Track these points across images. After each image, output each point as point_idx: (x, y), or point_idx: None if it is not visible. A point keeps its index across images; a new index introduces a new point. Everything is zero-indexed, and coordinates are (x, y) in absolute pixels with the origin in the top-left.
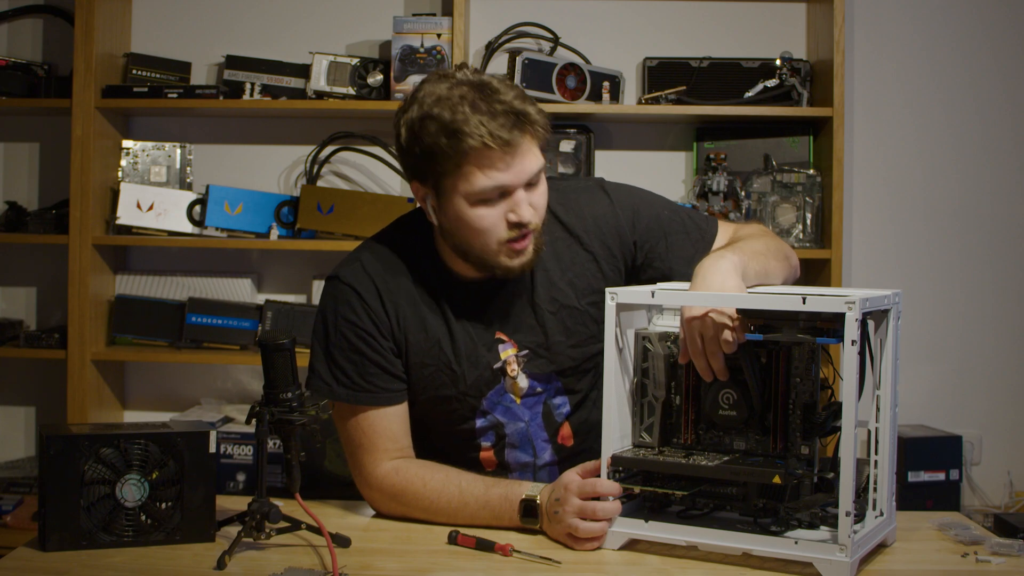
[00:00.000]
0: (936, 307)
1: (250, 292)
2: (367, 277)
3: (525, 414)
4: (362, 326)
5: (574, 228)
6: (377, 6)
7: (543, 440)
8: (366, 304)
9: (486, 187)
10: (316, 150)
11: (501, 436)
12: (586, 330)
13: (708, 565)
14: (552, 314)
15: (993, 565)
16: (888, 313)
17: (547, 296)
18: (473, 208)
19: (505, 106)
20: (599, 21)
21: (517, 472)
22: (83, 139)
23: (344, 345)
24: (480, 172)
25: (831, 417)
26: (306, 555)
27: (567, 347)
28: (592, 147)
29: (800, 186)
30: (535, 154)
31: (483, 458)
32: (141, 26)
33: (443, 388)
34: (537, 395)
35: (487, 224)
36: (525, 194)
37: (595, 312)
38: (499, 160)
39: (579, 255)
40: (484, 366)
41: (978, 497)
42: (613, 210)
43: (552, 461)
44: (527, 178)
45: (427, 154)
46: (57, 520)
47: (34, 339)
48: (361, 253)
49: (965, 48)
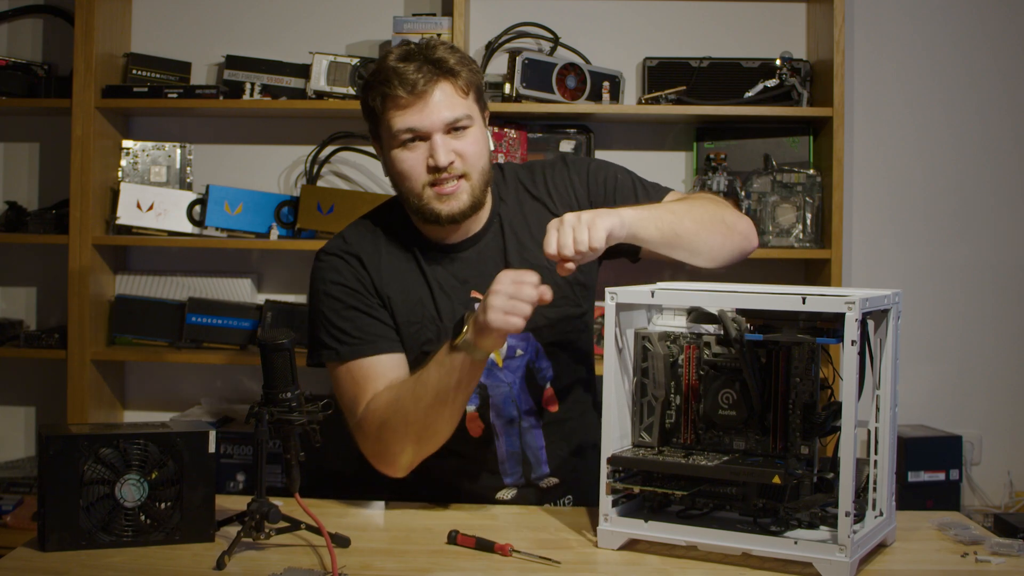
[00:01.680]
0: (936, 307)
1: (250, 292)
2: (348, 246)
3: (508, 376)
4: (351, 285)
5: (540, 195)
6: (377, 6)
7: (527, 404)
8: (349, 266)
9: (400, 129)
10: (316, 150)
11: (485, 398)
12: (558, 290)
13: (708, 565)
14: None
15: (993, 565)
16: (888, 313)
17: (519, 257)
18: (395, 152)
19: (423, 57)
20: (599, 21)
21: (503, 436)
22: (83, 139)
23: (338, 306)
24: (394, 117)
25: (831, 417)
26: (306, 555)
27: (541, 306)
28: (592, 147)
29: (800, 186)
30: (454, 102)
31: (469, 421)
32: (141, 26)
33: (429, 344)
34: (519, 357)
35: (407, 167)
36: (444, 138)
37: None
38: (410, 105)
39: (546, 218)
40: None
41: (978, 497)
42: (570, 176)
43: (536, 424)
44: (442, 123)
45: (365, 111)
46: (57, 520)
47: (34, 339)
48: (343, 230)
49: (965, 48)
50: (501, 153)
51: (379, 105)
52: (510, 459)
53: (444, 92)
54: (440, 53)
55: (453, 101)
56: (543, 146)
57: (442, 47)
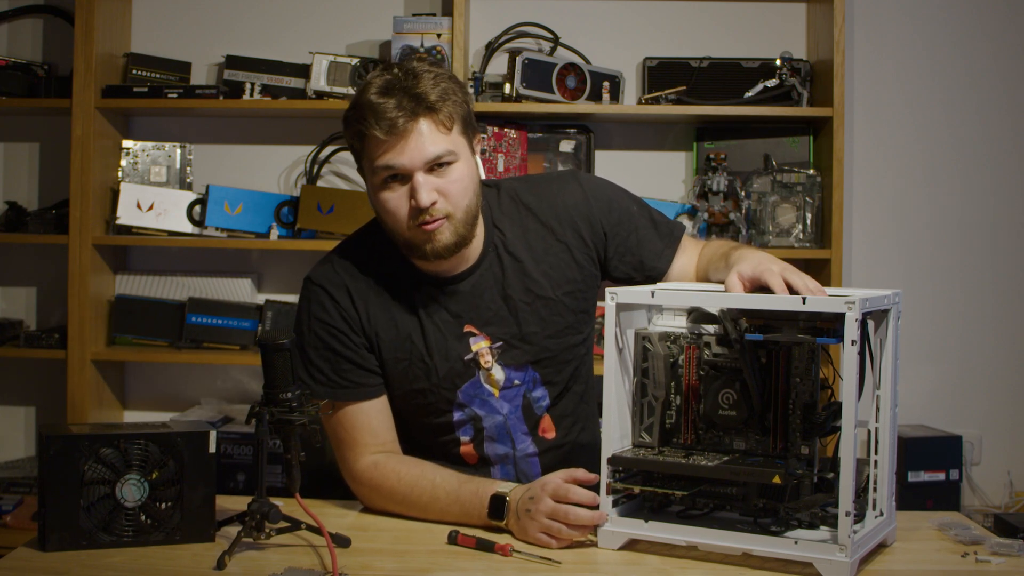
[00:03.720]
0: (936, 307)
1: (250, 292)
2: (337, 276)
3: (504, 407)
4: (333, 323)
5: (546, 218)
6: (377, 6)
7: (523, 433)
8: (336, 302)
9: (379, 170)
10: (316, 150)
11: (479, 429)
12: (562, 320)
13: (708, 565)
14: (527, 304)
15: (993, 565)
16: (888, 313)
17: (521, 287)
18: (379, 193)
19: (402, 90)
20: (599, 21)
21: (498, 465)
22: (83, 139)
23: (318, 344)
24: (375, 157)
25: (831, 417)
26: (306, 555)
27: (543, 338)
28: (592, 147)
29: (800, 186)
30: (436, 139)
31: (463, 452)
32: (141, 26)
33: (417, 381)
34: (515, 387)
35: (391, 207)
36: (426, 177)
37: (570, 302)
38: (390, 145)
39: (553, 245)
40: (455, 358)
41: (978, 497)
42: (586, 199)
43: (532, 453)
44: (422, 161)
45: (351, 147)
46: (57, 520)
47: (34, 339)
48: (333, 253)
49: (965, 48)
50: (501, 153)
51: (358, 143)
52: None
53: (425, 129)
54: (422, 86)
55: (435, 138)
56: (543, 146)
57: (426, 76)
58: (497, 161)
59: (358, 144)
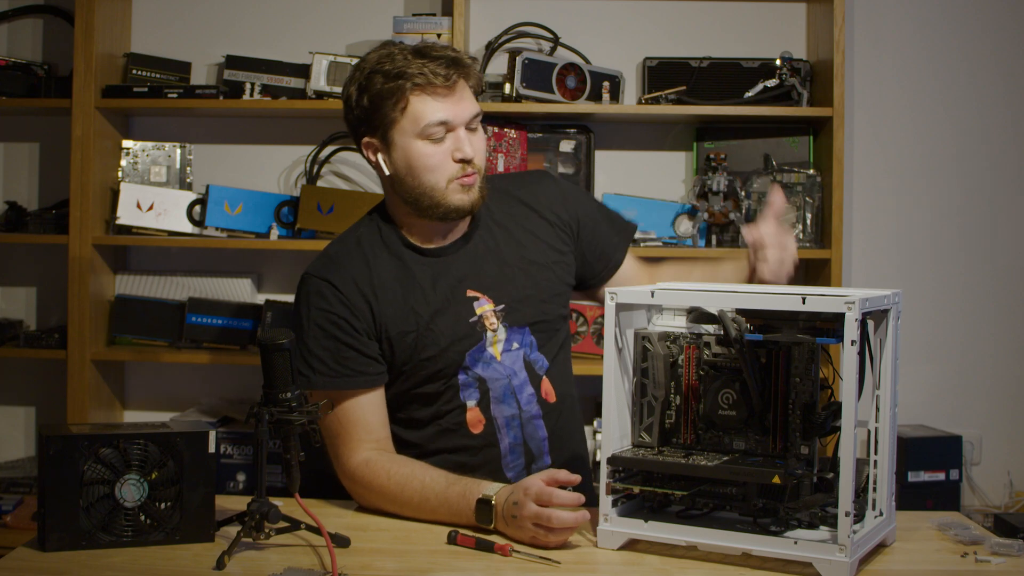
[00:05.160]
0: (936, 307)
1: (250, 292)
2: (335, 264)
3: (506, 369)
4: (334, 311)
5: (530, 202)
6: (377, 6)
7: (528, 393)
8: (336, 290)
9: (432, 120)
10: (316, 150)
11: (485, 391)
12: (552, 288)
13: (708, 565)
14: (522, 270)
15: (993, 565)
16: (888, 313)
17: (516, 254)
18: (422, 145)
19: (441, 52)
20: (599, 21)
21: (505, 429)
22: (83, 139)
23: (318, 334)
24: (425, 107)
25: (831, 417)
26: (305, 555)
27: (539, 301)
28: (592, 147)
29: (800, 186)
30: (472, 100)
31: (469, 420)
32: (141, 26)
33: (426, 350)
34: (515, 350)
35: (435, 162)
36: (466, 133)
37: (559, 272)
38: (441, 96)
39: (539, 222)
40: (460, 322)
41: (978, 497)
42: (560, 191)
43: (537, 414)
44: (467, 118)
45: (374, 103)
46: (57, 520)
47: (34, 339)
48: (327, 248)
49: (965, 48)
50: (501, 153)
51: (402, 97)
52: (512, 452)
53: (466, 91)
54: (452, 51)
55: (473, 101)
56: (543, 146)
57: (449, 48)
58: (497, 161)
59: (390, 106)
